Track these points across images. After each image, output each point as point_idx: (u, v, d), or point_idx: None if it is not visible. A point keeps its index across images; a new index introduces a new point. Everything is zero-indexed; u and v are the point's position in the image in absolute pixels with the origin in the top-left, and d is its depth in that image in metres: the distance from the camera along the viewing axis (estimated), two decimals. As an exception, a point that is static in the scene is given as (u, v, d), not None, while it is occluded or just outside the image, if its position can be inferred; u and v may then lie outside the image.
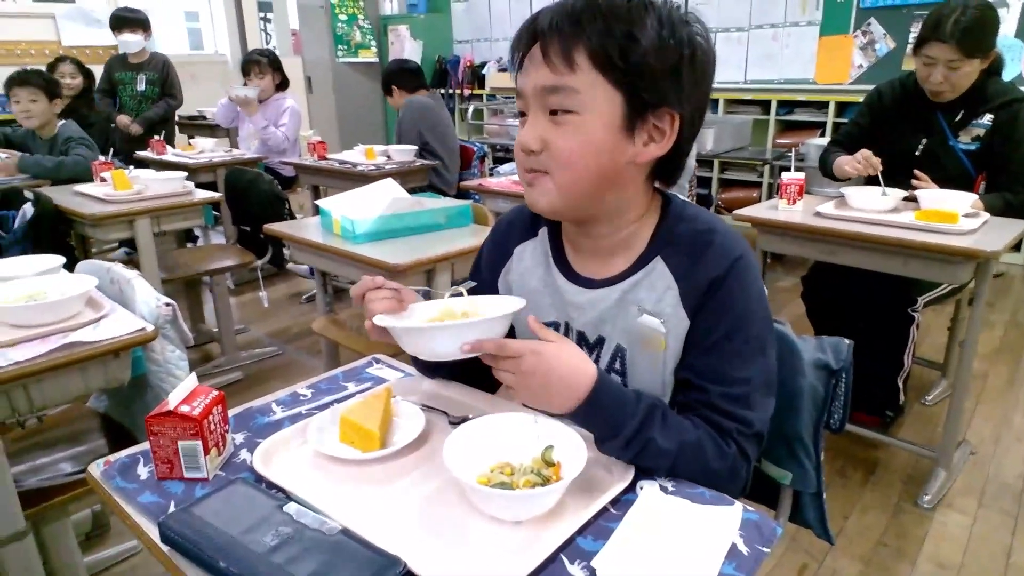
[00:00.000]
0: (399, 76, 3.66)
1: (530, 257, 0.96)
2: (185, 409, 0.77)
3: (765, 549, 0.65)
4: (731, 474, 0.81)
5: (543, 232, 0.95)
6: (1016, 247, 1.74)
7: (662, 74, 0.76)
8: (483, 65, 6.44)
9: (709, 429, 0.80)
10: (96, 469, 0.81)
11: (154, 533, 0.68)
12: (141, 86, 4.45)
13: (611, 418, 0.75)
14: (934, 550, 1.72)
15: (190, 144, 4.06)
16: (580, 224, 0.88)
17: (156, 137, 3.94)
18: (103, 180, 2.65)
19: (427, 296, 0.89)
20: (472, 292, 0.87)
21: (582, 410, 0.75)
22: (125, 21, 4.31)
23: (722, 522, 0.68)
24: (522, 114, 0.83)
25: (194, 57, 6.90)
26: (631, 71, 0.75)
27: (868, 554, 1.71)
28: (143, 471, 0.80)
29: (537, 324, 0.77)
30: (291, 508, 0.67)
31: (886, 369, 2.15)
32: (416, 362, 1.00)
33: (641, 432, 0.75)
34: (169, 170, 2.95)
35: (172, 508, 0.73)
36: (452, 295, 0.86)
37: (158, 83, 4.47)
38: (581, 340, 0.90)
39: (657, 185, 0.88)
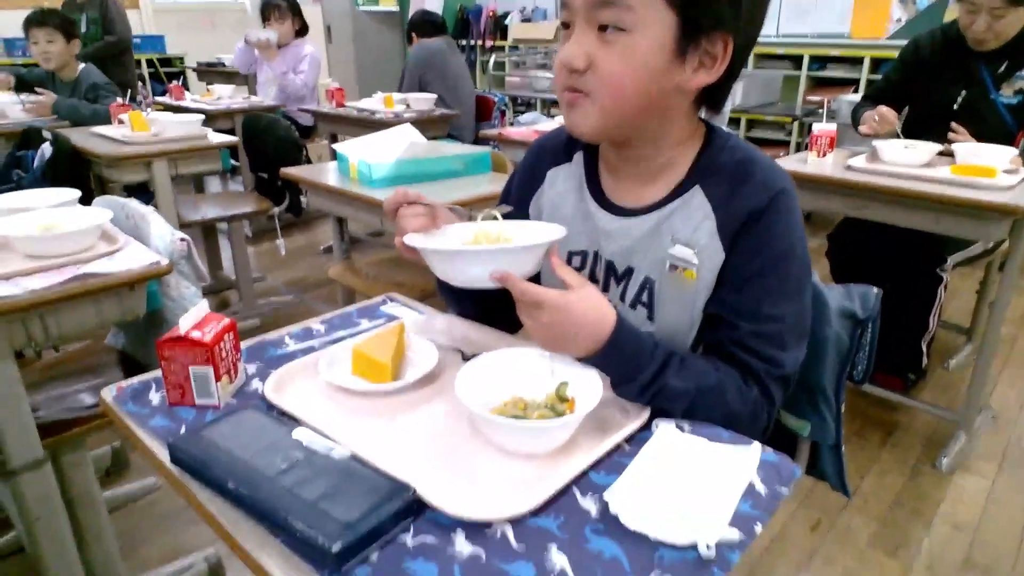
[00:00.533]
0: (420, 25, 3.71)
1: (563, 182, 0.92)
2: (196, 335, 0.76)
3: (783, 489, 0.63)
4: (752, 417, 0.78)
5: (578, 157, 0.92)
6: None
7: None
8: (506, 15, 6.28)
9: (732, 370, 0.78)
10: (108, 394, 0.80)
11: (165, 456, 0.68)
12: (83, 27, 4.05)
13: (628, 364, 0.73)
14: (951, 511, 1.70)
15: (208, 91, 4.02)
16: (619, 147, 0.84)
17: (175, 83, 3.91)
18: (120, 122, 2.64)
19: (463, 217, 0.85)
20: (506, 216, 0.84)
21: (599, 356, 0.73)
22: None
23: (740, 461, 0.66)
24: (565, 26, 0.77)
25: (212, 4, 6.81)
26: None
27: (883, 513, 1.70)
28: (155, 396, 0.80)
29: (559, 262, 0.74)
30: (301, 434, 0.66)
31: (910, 330, 2.10)
32: (441, 287, 0.97)
33: (658, 378, 0.73)
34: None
35: (183, 432, 0.72)
36: (486, 218, 0.82)
37: (99, 22, 4.12)
38: (609, 270, 0.87)
39: (701, 113, 0.84)
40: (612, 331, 0.71)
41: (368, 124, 3.20)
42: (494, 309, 0.94)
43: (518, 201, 0.96)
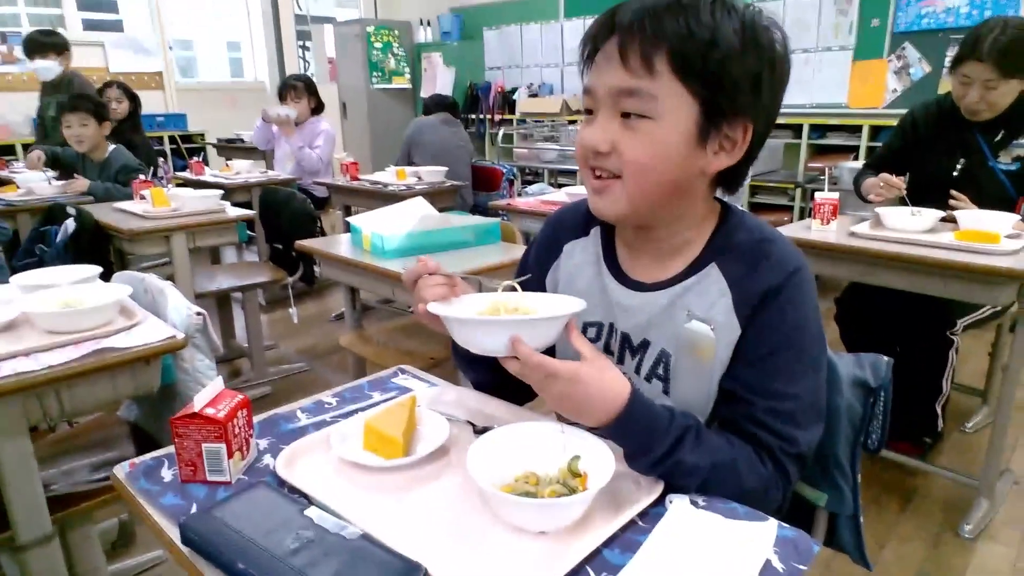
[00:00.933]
0: (430, 106, 4.11)
1: (580, 255, 0.95)
2: (210, 412, 0.77)
3: (802, 567, 0.62)
4: (764, 494, 0.78)
5: (595, 232, 0.94)
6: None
7: (742, 83, 0.74)
8: (514, 91, 6.51)
9: (746, 447, 0.78)
10: (121, 471, 0.81)
11: (175, 534, 0.68)
12: (52, 110, 3.81)
13: (642, 437, 0.73)
14: (978, 584, 1.64)
15: (227, 166, 4.16)
16: (639, 228, 0.86)
17: (196, 159, 4.04)
18: (142, 198, 2.72)
19: (479, 287, 0.87)
20: (524, 286, 0.86)
21: (612, 428, 0.73)
22: (38, 46, 3.84)
23: (756, 538, 0.65)
24: (588, 111, 0.80)
25: (235, 84, 7.12)
26: (712, 80, 0.73)
27: (908, 587, 1.64)
28: (167, 474, 0.80)
29: (577, 334, 0.74)
30: (312, 512, 0.67)
31: (924, 394, 2.07)
32: (456, 354, 0.98)
33: (673, 453, 0.73)
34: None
35: (194, 510, 0.72)
36: (505, 289, 0.84)
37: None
38: (625, 342, 0.88)
39: (718, 193, 0.86)
40: (626, 403, 0.72)
41: (381, 196, 3.29)
42: (507, 377, 0.95)
43: (535, 273, 0.99)
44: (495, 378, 0.98)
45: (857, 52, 4.48)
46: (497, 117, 6.58)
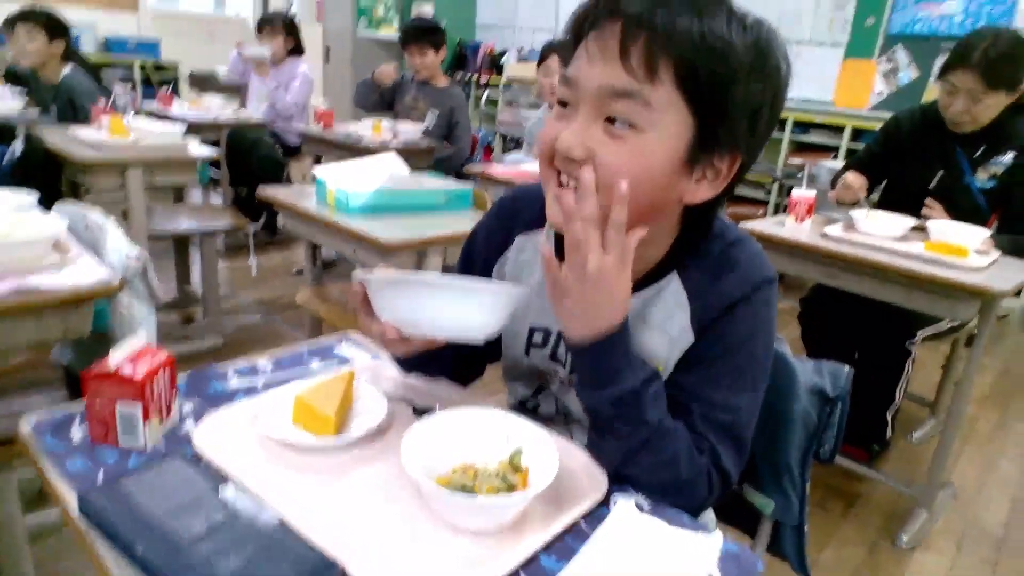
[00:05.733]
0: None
1: (532, 251, 0.87)
2: (127, 370, 0.71)
3: (742, 588, 0.59)
4: (691, 484, 0.72)
5: (550, 230, 0.86)
6: (1016, 293, 1.68)
7: (744, 112, 0.66)
8: (503, 54, 6.35)
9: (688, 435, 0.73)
10: (27, 425, 0.74)
11: (72, 502, 0.62)
12: None
13: (621, 363, 0.68)
14: (909, 591, 1.68)
15: (196, 100, 3.98)
16: None
17: (165, 90, 3.85)
18: (99, 126, 2.58)
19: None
20: (464, 271, 0.80)
21: (601, 343, 0.67)
22: None
23: (699, 550, 0.62)
24: (563, 103, 0.69)
25: (213, 16, 6.81)
26: (715, 101, 0.64)
27: (841, 590, 1.66)
28: (77, 431, 0.74)
29: (550, 256, 0.66)
30: (228, 493, 0.61)
31: (877, 401, 2.10)
32: (404, 363, 0.91)
33: (638, 392, 0.68)
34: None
35: (100, 478, 0.67)
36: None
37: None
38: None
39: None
40: (622, 323, 0.67)
41: (353, 149, 3.17)
42: (453, 371, 0.91)
43: (481, 259, 0.92)
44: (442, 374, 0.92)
45: (849, 49, 4.45)
46: (483, 79, 6.43)
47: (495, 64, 6.38)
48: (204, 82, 5.31)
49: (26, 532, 1.26)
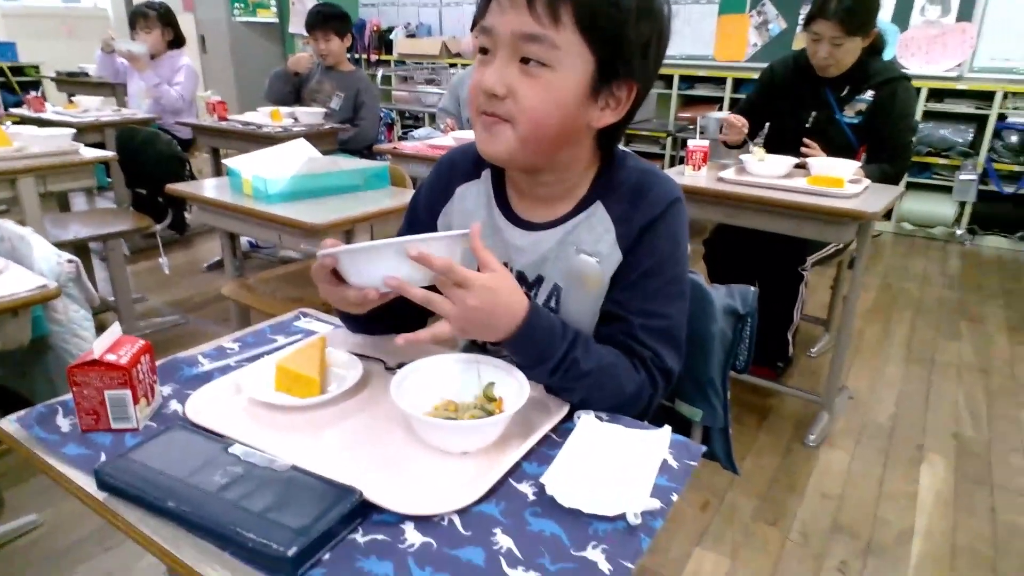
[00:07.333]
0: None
1: (472, 199, 0.97)
2: (111, 358, 0.74)
3: (692, 463, 0.71)
4: (636, 396, 0.84)
5: (486, 174, 0.96)
6: (887, 215, 1.93)
7: (636, 47, 0.78)
8: (390, 30, 6.27)
9: (623, 356, 0.85)
10: (9, 423, 0.76)
11: (85, 482, 0.66)
12: None
13: (543, 344, 0.78)
14: (819, 483, 1.91)
15: (71, 102, 3.73)
16: (527, 172, 0.89)
17: (33, 93, 3.59)
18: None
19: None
20: (410, 231, 0.85)
21: (516, 337, 0.76)
22: None
23: (654, 442, 0.73)
24: (484, 50, 0.81)
25: (70, 10, 6.31)
26: (611, 39, 0.76)
27: (763, 490, 1.87)
28: (64, 423, 0.76)
29: (480, 245, 0.75)
30: (237, 449, 0.67)
31: (778, 324, 2.33)
32: (347, 318, 0.99)
33: (567, 356, 0.78)
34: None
35: (103, 458, 0.70)
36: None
37: None
38: (520, 279, 0.93)
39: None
40: (527, 312, 0.76)
41: (255, 138, 3.11)
42: (399, 325, 0.97)
43: (425, 217, 1.00)
44: (385, 329, 0.98)
45: (722, 7, 4.72)
46: (373, 57, 6.33)
47: (383, 41, 6.30)
48: (72, 83, 4.96)
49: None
